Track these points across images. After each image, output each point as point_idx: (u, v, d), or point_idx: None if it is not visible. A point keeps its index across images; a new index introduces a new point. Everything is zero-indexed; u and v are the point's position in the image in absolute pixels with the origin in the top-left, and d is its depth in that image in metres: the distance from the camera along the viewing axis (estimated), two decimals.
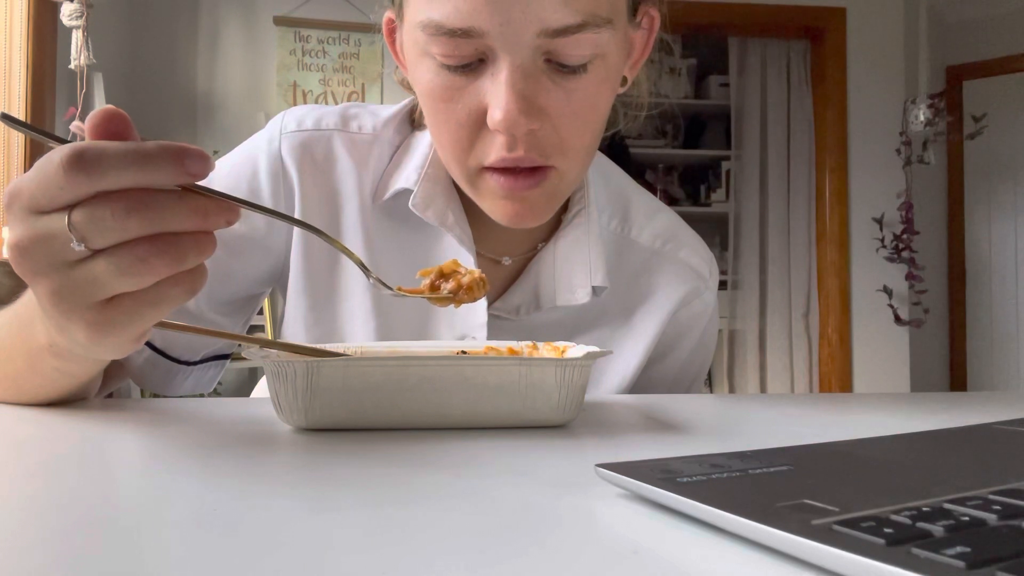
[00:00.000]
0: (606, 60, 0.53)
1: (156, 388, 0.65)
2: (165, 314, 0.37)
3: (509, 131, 0.51)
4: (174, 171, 0.33)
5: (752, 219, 3.57)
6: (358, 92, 2.96)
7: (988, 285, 3.83)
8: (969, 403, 0.57)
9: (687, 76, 3.75)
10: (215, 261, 0.62)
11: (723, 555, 0.22)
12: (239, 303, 0.68)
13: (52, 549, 0.22)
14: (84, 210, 0.33)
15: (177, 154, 0.33)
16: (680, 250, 0.72)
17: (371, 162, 0.66)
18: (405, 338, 0.65)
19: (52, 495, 0.28)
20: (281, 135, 0.65)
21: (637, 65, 0.62)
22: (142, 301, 0.35)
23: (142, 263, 0.33)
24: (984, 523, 0.20)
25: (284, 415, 0.41)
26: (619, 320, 0.69)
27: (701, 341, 0.74)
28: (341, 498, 0.28)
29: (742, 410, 0.54)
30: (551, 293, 0.65)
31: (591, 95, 0.53)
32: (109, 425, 0.44)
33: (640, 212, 0.72)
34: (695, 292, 0.72)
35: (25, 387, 0.49)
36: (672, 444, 0.38)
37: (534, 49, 0.50)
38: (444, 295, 0.45)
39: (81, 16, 2.09)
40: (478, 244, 0.65)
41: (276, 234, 0.65)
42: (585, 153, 0.57)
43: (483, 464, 0.34)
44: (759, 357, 3.54)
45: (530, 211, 0.57)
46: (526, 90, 0.51)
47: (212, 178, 0.65)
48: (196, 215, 0.34)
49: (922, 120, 3.05)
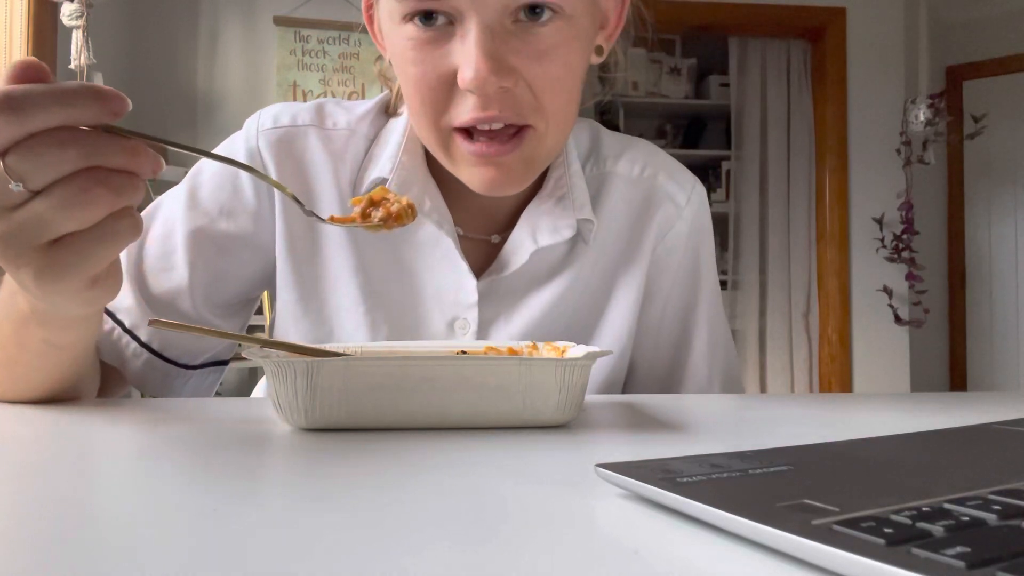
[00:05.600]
0: (572, 21, 0.54)
1: (155, 391, 0.65)
2: (116, 252, 0.38)
3: (480, 89, 0.52)
4: (97, 107, 0.34)
5: (752, 219, 3.57)
6: (358, 92, 2.96)
7: (988, 285, 3.83)
8: (969, 403, 0.57)
9: (687, 76, 3.75)
10: (208, 263, 0.64)
11: (723, 555, 0.22)
12: (235, 305, 0.68)
13: (50, 549, 0.22)
14: (18, 151, 0.34)
15: (98, 92, 0.34)
16: (657, 175, 0.71)
17: (347, 156, 0.66)
18: (394, 319, 0.65)
19: (51, 495, 0.28)
20: (258, 132, 0.66)
21: (613, 36, 0.63)
22: (88, 238, 0.36)
23: (83, 193, 0.35)
24: (984, 523, 0.20)
25: (284, 415, 0.41)
26: (618, 258, 0.69)
27: (676, 280, 0.71)
28: (341, 498, 0.28)
29: (742, 410, 0.54)
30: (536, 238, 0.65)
31: (562, 54, 0.54)
32: (108, 425, 0.44)
33: (612, 143, 0.72)
34: (668, 223, 0.70)
35: (18, 372, 0.50)
36: (672, 444, 0.38)
37: (502, 7, 0.51)
38: (375, 223, 0.47)
39: (81, 16, 2.09)
40: (462, 225, 0.66)
41: (264, 232, 0.65)
42: (562, 115, 0.57)
43: (483, 464, 0.34)
44: (759, 357, 3.54)
45: (507, 177, 0.57)
46: (495, 49, 0.52)
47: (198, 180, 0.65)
48: (126, 151, 0.36)
49: (922, 120, 3.05)
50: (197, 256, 0.63)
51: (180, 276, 0.63)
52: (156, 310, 0.62)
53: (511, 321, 0.65)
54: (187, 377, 0.66)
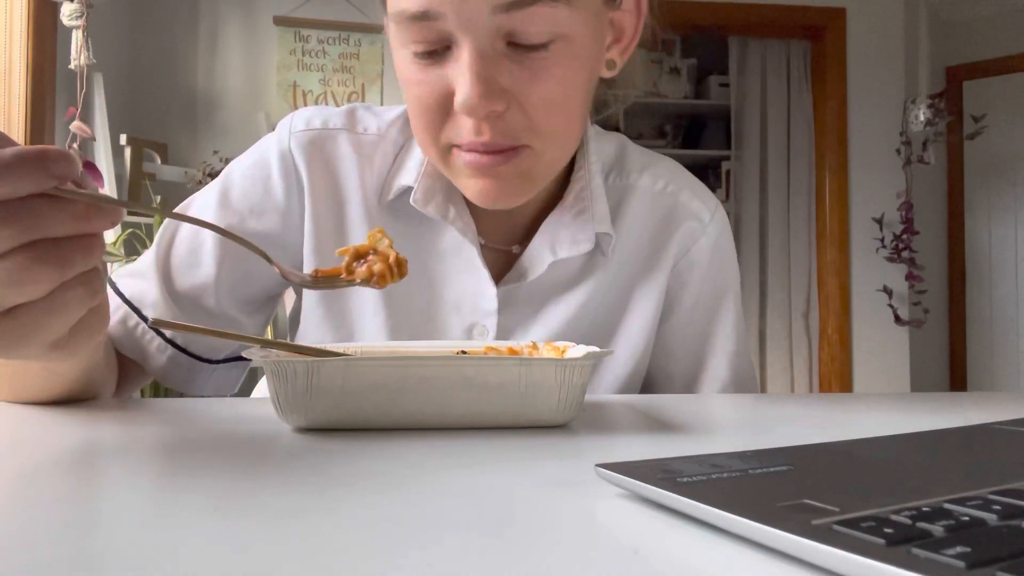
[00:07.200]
0: (570, 40, 0.53)
1: (179, 387, 0.66)
2: (72, 320, 0.36)
3: (472, 114, 0.52)
4: (38, 176, 0.32)
5: (752, 219, 3.57)
6: (358, 92, 2.96)
7: (988, 285, 3.82)
8: (969, 403, 0.57)
9: (687, 76, 3.75)
10: (235, 261, 0.64)
11: (723, 555, 0.22)
12: (260, 303, 0.68)
13: (50, 548, 0.22)
14: None
15: (38, 158, 0.32)
16: (681, 192, 0.71)
17: (376, 162, 0.66)
18: (414, 325, 0.65)
19: (51, 494, 0.28)
20: (291, 134, 0.66)
21: (629, 49, 0.62)
22: (41, 309, 0.34)
23: (24, 272, 0.32)
24: (984, 523, 0.20)
25: (284, 415, 0.41)
26: (638, 270, 0.69)
27: (699, 297, 0.71)
28: (341, 498, 0.28)
29: (742, 410, 0.54)
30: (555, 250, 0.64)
31: (557, 75, 0.53)
32: (109, 425, 0.44)
33: (637, 158, 0.72)
34: (692, 238, 0.70)
35: (25, 382, 0.50)
36: (672, 444, 0.38)
37: (493, 30, 0.51)
38: (357, 281, 0.44)
39: (81, 16, 2.09)
40: (485, 235, 0.66)
41: (291, 231, 0.66)
42: (562, 134, 0.57)
43: (483, 464, 0.34)
44: (759, 357, 3.54)
45: (503, 189, 0.57)
46: (486, 72, 0.51)
47: (230, 179, 0.66)
48: (74, 219, 0.33)
49: (922, 120, 3.05)
50: (225, 254, 0.64)
51: (207, 273, 0.63)
52: (181, 306, 0.63)
53: (529, 331, 0.66)
54: (211, 372, 0.67)
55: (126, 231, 2.18)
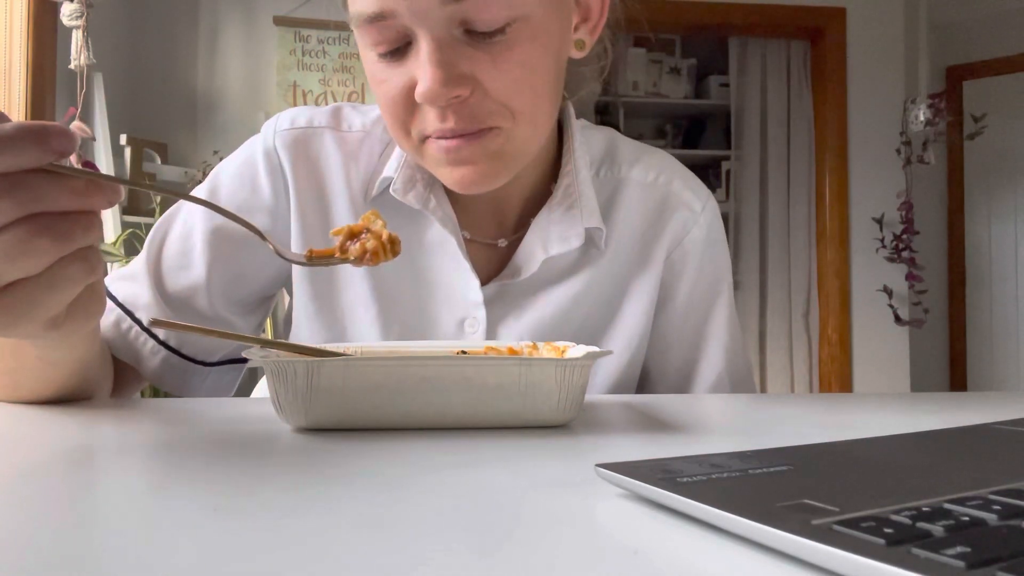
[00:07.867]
0: (528, 21, 0.53)
1: (174, 390, 0.65)
2: (70, 296, 0.36)
3: (434, 102, 0.53)
4: (37, 150, 0.32)
5: (752, 219, 3.57)
6: (358, 92, 2.96)
7: (988, 285, 3.82)
8: (969, 403, 0.57)
9: (687, 76, 3.75)
10: (226, 262, 0.64)
11: (723, 555, 0.22)
12: (253, 304, 0.69)
13: (50, 549, 0.22)
14: None
15: (39, 132, 0.32)
16: (672, 182, 0.71)
17: (362, 159, 0.67)
18: (405, 318, 0.65)
19: (51, 494, 0.28)
20: (275, 133, 0.67)
21: (597, 28, 0.62)
22: (38, 285, 0.35)
23: (23, 244, 0.33)
24: (984, 523, 0.20)
25: (284, 415, 0.41)
26: (632, 262, 0.69)
27: (694, 287, 0.71)
28: (341, 498, 0.28)
29: (742, 410, 0.54)
30: (546, 247, 0.65)
31: (518, 57, 0.54)
32: (108, 425, 0.44)
33: (628, 151, 0.72)
34: (685, 228, 0.71)
35: (19, 379, 0.50)
36: (672, 444, 0.38)
37: (446, 20, 0.52)
38: (351, 259, 0.44)
39: (81, 16, 2.09)
40: (469, 229, 0.66)
41: (280, 229, 0.66)
42: (530, 114, 0.57)
43: (483, 464, 0.34)
44: (759, 357, 3.54)
45: (479, 171, 0.57)
46: (445, 60, 0.52)
47: (218, 180, 0.66)
48: (73, 194, 0.34)
49: (922, 120, 3.05)
50: (215, 255, 0.64)
51: (198, 274, 0.64)
52: (173, 308, 0.63)
53: (520, 320, 0.66)
54: (205, 375, 0.67)
55: (126, 231, 2.18)
